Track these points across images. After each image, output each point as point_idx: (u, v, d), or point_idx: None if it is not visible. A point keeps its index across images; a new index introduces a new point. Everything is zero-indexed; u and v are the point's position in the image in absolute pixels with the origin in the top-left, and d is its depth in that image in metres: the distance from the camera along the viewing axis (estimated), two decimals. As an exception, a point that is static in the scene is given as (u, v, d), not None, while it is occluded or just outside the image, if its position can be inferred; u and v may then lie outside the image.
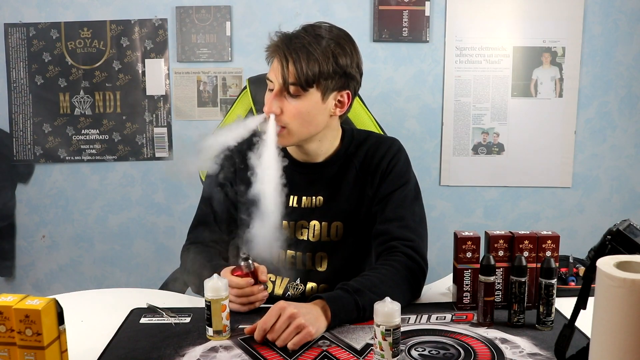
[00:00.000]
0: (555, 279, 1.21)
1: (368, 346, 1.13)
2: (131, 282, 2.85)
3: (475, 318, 1.27)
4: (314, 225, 1.45)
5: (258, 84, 1.74)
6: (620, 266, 0.87)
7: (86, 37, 2.75)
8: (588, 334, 1.02)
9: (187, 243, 1.50)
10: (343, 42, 1.35)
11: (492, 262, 1.22)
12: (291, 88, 1.31)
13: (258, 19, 2.73)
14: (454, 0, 2.71)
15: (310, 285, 1.46)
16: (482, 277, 1.23)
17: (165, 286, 1.66)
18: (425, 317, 1.28)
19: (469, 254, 1.31)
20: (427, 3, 2.69)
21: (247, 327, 1.18)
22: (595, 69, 2.76)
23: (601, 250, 1.01)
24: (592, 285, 0.93)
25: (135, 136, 2.81)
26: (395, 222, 1.39)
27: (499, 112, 2.78)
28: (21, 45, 2.75)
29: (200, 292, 1.29)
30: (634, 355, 0.83)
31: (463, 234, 1.32)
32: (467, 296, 1.32)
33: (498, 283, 1.30)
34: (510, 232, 1.31)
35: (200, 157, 1.36)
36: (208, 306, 1.16)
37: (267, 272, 1.36)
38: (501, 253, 1.30)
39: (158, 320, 1.26)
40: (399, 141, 1.51)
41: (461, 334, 1.19)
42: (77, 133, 2.81)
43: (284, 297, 1.45)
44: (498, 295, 1.30)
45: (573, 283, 1.40)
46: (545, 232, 1.30)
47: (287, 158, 1.44)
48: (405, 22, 2.70)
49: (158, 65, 2.76)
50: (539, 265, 1.26)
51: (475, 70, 2.76)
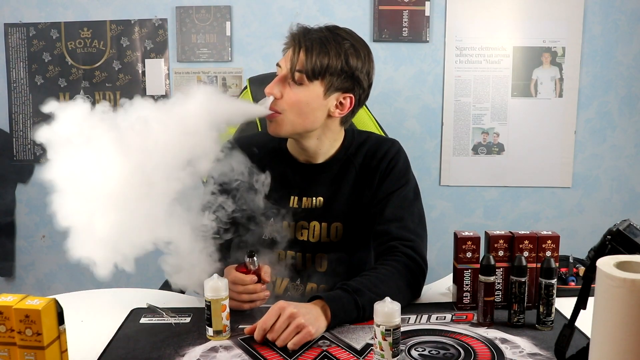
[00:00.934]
0: (555, 279, 1.21)
1: (368, 346, 1.13)
2: (131, 282, 2.85)
3: (475, 318, 1.27)
4: (314, 225, 1.45)
5: (258, 84, 1.74)
6: (620, 266, 0.87)
7: (86, 37, 2.75)
8: (588, 334, 1.02)
9: None
10: (359, 46, 1.37)
11: (492, 262, 1.22)
12: (297, 75, 1.32)
13: (258, 19, 2.73)
14: (454, 0, 2.71)
15: (310, 285, 1.46)
16: (482, 277, 1.23)
17: (165, 286, 1.66)
18: (425, 317, 1.28)
19: (469, 254, 1.31)
20: (427, 3, 2.69)
21: (247, 327, 1.18)
22: (595, 69, 2.76)
23: (601, 250, 1.01)
24: (592, 285, 0.93)
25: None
26: (394, 223, 1.39)
27: (499, 112, 2.78)
28: (21, 45, 2.75)
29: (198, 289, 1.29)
30: (634, 355, 0.83)
31: (463, 234, 1.32)
32: (467, 296, 1.32)
33: (498, 283, 1.30)
34: (510, 232, 1.31)
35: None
36: (208, 306, 1.16)
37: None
38: (501, 253, 1.30)
39: (158, 320, 1.26)
40: (399, 142, 1.52)
41: (461, 334, 1.19)
42: (77, 133, 2.81)
43: (284, 298, 1.45)
44: (498, 295, 1.30)
45: (573, 283, 1.40)
46: (545, 232, 1.30)
47: (288, 158, 1.44)
48: (405, 22, 2.70)
49: (158, 65, 2.76)
50: (539, 265, 1.26)
51: (475, 70, 2.76)
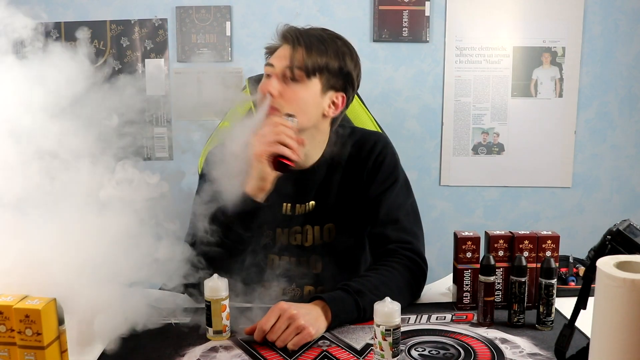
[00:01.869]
0: (555, 279, 1.21)
1: (368, 346, 1.13)
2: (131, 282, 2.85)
3: (475, 318, 1.27)
4: (307, 229, 1.45)
5: (258, 84, 1.74)
6: (620, 266, 0.87)
7: (86, 37, 2.75)
8: (588, 334, 1.02)
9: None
10: (351, 47, 1.39)
11: (492, 262, 1.22)
12: (297, 72, 1.31)
13: (258, 19, 2.73)
14: (454, 0, 2.71)
15: (307, 288, 1.46)
16: (482, 277, 1.23)
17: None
18: (425, 317, 1.28)
19: (469, 254, 1.31)
20: (427, 3, 2.69)
21: (247, 328, 1.18)
22: (595, 69, 2.76)
23: (601, 250, 1.01)
24: (592, 285, 0.93)
25: (135, 136, 2.80)
26: (390, 226, 1.39)
27: (499, 112, 2.78)
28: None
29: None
30: (634, 355, 0.83)
31: (463, 234, 1.32)
32: (467, 296, 1.32)
33: (498, 283, 1.30)
34: (510, 232, 1.31)
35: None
36: (208, 306, 1.16)
37: (261, 280, 1.36)
38: (501, 253, 1.30)
39: (158, 320, 1.25)
40: (385, 136, 1.50)
41: (461, 334, 1.19)
42: (77, 133, 2.81)
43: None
44: (498, 295, 1.30)
45: (573, 283, 1.40)
46: (545, 232, 1.30)
47: None
48: (405, 22, 2.70)
49: (158, 65, 2.76)
50: (539, 265, 1.26)
51: (475, 70, 2.76)
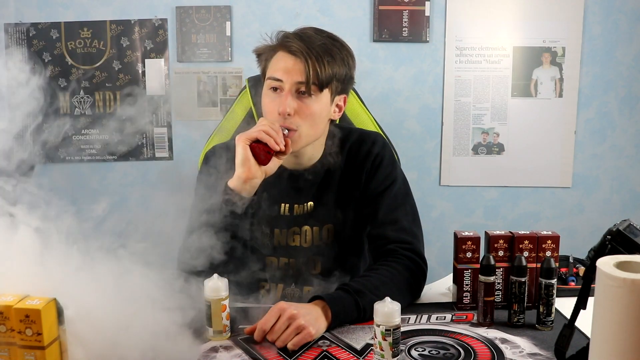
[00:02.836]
0: (555, 279, 1.21)
1: (368, 346, 1.13)
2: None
3: (475, 318, 1.27)
4: (306, 230, 1.44)
5: (258, 84, 1.74)
6: (620, 266, 0.87)
7: (86, 37, 2.75)
8: (588, 334, 1.02)
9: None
10: (347, 46, 1.37)
11: (492, 262, 1.22)
12: (312, 87, 1.29)
13: (258, 19, 2.73)
14: (454, 0, 2.71)
15: (306, 289, 1.46)
16: (482, 277, 1.23)
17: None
18: (425, 317, 1.28)
19: (469, 254, 1.31)
20: (427, 3, 2.69)
21: (247, 328, 1.18)
22: (595, 69, 2.76)
23: (601, 250, 1.01)
24: (592, 285, 0.93)
25: (135, 136, 2.81)
26: (389, 226, 1.39)
27: (499, 112, 2.78)
28: (21, 45, 2.75)
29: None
30: (634, 355, 0.83)
31: (463, 234, 1.32)
32: (467, 296, 1.32)
33: (498, 283, 1.30)
34: (510, 232, 1.31)
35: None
36: (208, 306, 1.16)
37: (261, 280, 1.36)
38: (501, 253, 1.30)
39: (159, 320, 1.25)
40: (382, 136, 1.50)
41: (461, 334, 1.19)
42: (77, 133, 2.81)
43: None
44: (498, 295, 1.30)
45: (573, 283, 1.40)
46: (545, 232, 1.30)
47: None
48: (405, 22, 2.70)
49: (158, 65, 2.76)
50: (539, 265, 1.26)
51: (475, 70, 2.76)
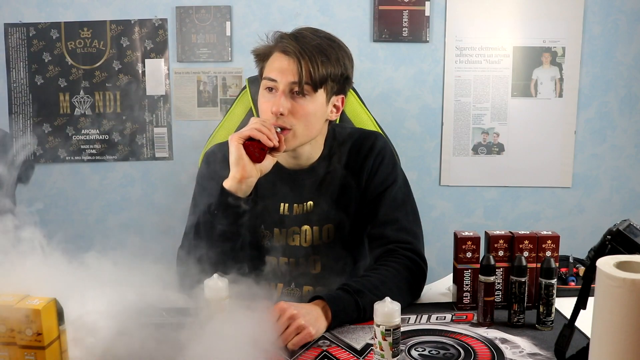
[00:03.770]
0: (555, 279, 1.21)
1: (368, 346, 1.13)
2: (131, 282, 2.84)
3: (475, 318, 1.27)
4: (306, 230, 1.44)
5: (258, 84, 1.74)
6: (620, 266, 0.87)
7: (86, 37, 2.75)
8: (588, 334, 1.02)
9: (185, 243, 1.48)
10: (344, 46, 1.37)
11: (492, 262, 1.22)
12: (305, 87, 1.29)
13: (258, 19, 2.73)
14: (454, 0, 2.71)
15: (306, 289, 1.46)
16: (482, 277, 1.23)
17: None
18: (425, 317, 1.28)
19: (469, 254, 1.31)
20: (427, 3, 2.69)
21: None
22: (595, 69, 2.76)
23: (601, 250, 1.01)
24: (592, 285, 0.93)
25: (135, 136, 2.81)
26: (389, 225, 1.39)
27: (499, 112, 2.78)
28: (21, 45, 2.75)
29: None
30: (634, 355, 0.83)
31: (463, 234, 1.32)
32: (467, 296, 1.32)
33: (498, 283, 1.30)
34: (510, 232, 1.31)
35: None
36: (208, 306, 1.16)
37: (261, 280, 1.36)
38: (501, 253, 1.30)
39: (158, 320, 1.25)
40: (382, 136, 1.50)
41: (461, 334, 1.19)
42: (77, 133, 2.80)
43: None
44: (498, 295, 1.30)
45: (573, 283, 1.40)
46: (545, 232, 1.30)
47: (275, 166, 1.39)
48: (405, 22, 2.70)
49: (158, 65, 2.76)
50: (539, 265, 1.26)
51: (475, 70, 2.75)
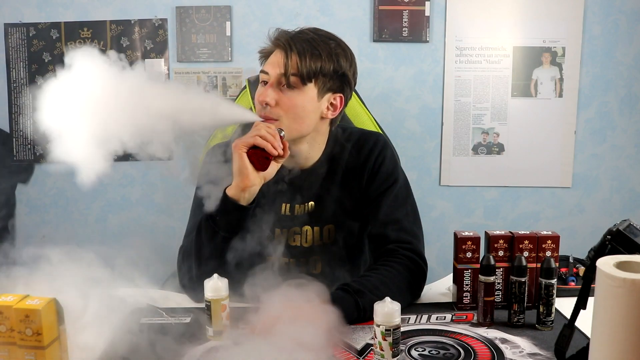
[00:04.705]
0: (555, 279, 1.21)
1: (368, 346, 1.13)
2: (131, 282, 2.85)
3: (475, 318, 1.27)
4: (307, 230, 1.44)
5: (257, 84, 1.74)
6: (620, 266, 0.87)
7: (86, 37, 2.75)
8: (588, 334, 1.02)
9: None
10: (344, 45, 1.37)
11: (492, 262, 1.22)
12: (291, 79, 1.30)
13: (258, 19, 2.73)
14: (454, 0, 2.71)
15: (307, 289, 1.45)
16: (482, 277, 1.23)
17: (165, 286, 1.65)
18: (425, 317, 1.28)
19: (469, 254, 1.31)
20: (427, 3, 2.69)
21: (247, 328, 1.18)
22: (595, 69, 2.76)
23: (601, 250, 1.01)
24: (592, 285, 0.93)
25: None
26: (390, 226, 1.39)
27: (499, 112, 2.78)
28: (21, 45, 2.75)
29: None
30: (634, 355, 0.83)
31: (463, 234, 1.32)
32: (467, 296, 1.32)
33: (498, 283, 1.30)
34: (510, 232, 1.31)
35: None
36: (208, 306, 1.16)
37: (261, 280, 1.35)
38: (501, 253, 1.30)
39: (158, 320, 1.26)
40: (383, 136, 1.50)
41: (461, 334, 1.19)
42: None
43: None
44: (498, 295, 1.30)
45: (573, 283, 1.40)
46: (545, 232, 1.30)
47: None
48: (405, 22, 2.70)
49: (158, 65, 2.76)
50: (539, 265, 1.26)
51: (475, 70, 2.76)
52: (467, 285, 1.32)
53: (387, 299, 1.04)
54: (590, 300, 0.95)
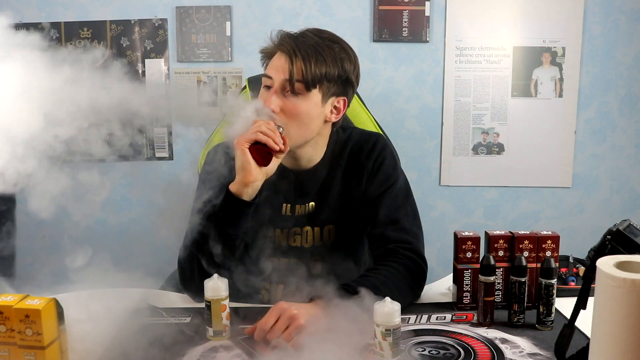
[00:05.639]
0: (555, 279, 1.21)
1: (368, 346, 1.13)
2: (131, 282, 2.85)
3: (475, 318, 1.27)
4: (307, 231, 1.44)
5: (258, 84, 1.74)
6: (620, 266, 0.87)
7: (86, 37, 2.75)
8: (588, 334, 1.02)
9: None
10: (347, 48, 1.36)
11: (492, 262, 1.22)
12: (296, 85, 1.29)
13: (258, 19, 2.73)
14: (454, 0, 2.71)
15: (307, 289, 1.45)
16: (482, 277, 1.23)
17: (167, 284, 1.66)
18: (425, 317, 1.28)
19: (469, 254, 1.31)
20: (427, 3, 2.69)
21: (247, 328, 1.18)
22: (595, 69, 2.76)
23: (601, 250, 1.01)
24: (592, 285, 0.93)
25: (135, 136, 2.80)
26: (390, 226, 1.39)
27: (499, 112, 2.78)
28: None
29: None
30: (634, 355, 0.83)
31: (463, 234, 1.32)
32: (467, 296, 1.32)
33: (498, 283, 1.30)
34: (510, 232, 1.31)
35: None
36: (208, 306, 1.16)
37: (262, 281, 1.35)
38: (501, 253, 1.30)
39: (158, 320, 1.26)
40: (383, 137, 1.50)
41: (461, 334, 1.19)
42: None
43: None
44: (498, 295, 1.30)
45: (573, 283, 1.40)
46: (545, 232, 1.30)
47: (279, 166, 1.38)
48: (405, 22, 2.70)
49: (158, 65, 2.76)
50: (539, 265, 1.26)
51: (475, 70, 2.76)
52: (467, 285, 1.32)
53: (387, 299, 1.04)
54: (590, 300, 0.95)
